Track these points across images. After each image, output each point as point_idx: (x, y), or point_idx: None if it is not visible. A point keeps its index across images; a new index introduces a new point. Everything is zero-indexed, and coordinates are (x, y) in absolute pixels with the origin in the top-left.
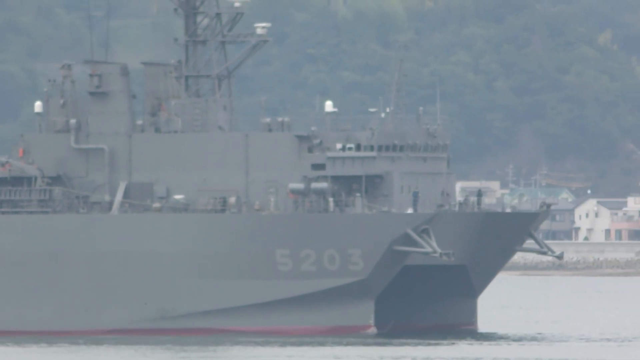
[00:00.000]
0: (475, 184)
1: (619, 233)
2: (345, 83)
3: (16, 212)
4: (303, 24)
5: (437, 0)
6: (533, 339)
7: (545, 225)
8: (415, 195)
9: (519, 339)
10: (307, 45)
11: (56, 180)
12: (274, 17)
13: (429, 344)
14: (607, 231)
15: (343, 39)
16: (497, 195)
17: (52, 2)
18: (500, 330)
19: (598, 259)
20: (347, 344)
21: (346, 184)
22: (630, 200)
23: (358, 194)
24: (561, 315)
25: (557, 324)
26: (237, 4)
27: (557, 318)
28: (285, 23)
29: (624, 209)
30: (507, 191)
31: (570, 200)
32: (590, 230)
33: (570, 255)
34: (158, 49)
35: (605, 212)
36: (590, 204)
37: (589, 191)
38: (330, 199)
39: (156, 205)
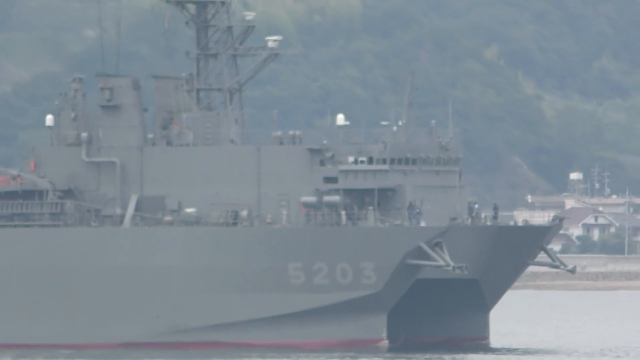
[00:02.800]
0: None
1: None
2: None
3: (27, 226)
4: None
5: (325, 15)
6: (547, 352)
7: None
8: (419, 215)
9: (530, 354)
10: None
11: (68, 193)
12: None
13: (441, 358)
14: None
15: None
16: None
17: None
18: (514, 345)
19: None
20: (359, 358)
21: (358, 197)
22: (517, 214)
23: (370, 207)
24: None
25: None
26: (248, 17)
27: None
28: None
29: (511, 222)
30: None
31: None
32: None
33: None
34: (167, 62)
35: None
36: None
37: (476, 205)
38: (343, 212)
39: (168, 218)
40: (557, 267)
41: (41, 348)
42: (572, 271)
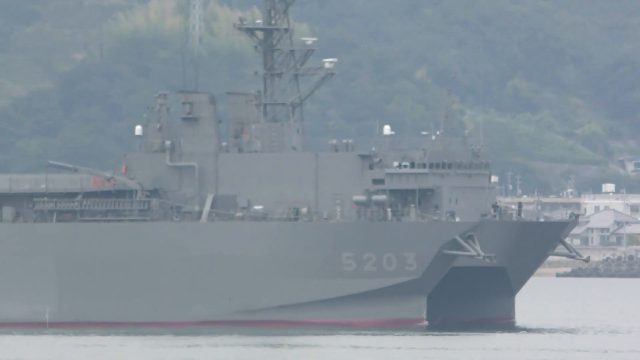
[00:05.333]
0: None
1: None
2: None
3: (119, 220)
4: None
5: None
6: (565, 331)
7: None
8: (452, 214)
9: (551, 331)
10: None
11: (154, 193)
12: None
13: (472, 335)
14: None
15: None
16: None
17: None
18: (537, 324)
19: None
20: (403, 335)
21: (402, 197)
22: None
23: (412, 205)
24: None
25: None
26: (308, 42)
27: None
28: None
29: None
30: None
31: None
32: None
33: None
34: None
35: None
36: None
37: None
38: (389, 209)
39: (239, 214)
40: (573, 257)
41: (132, 325)
42: (587, 260)
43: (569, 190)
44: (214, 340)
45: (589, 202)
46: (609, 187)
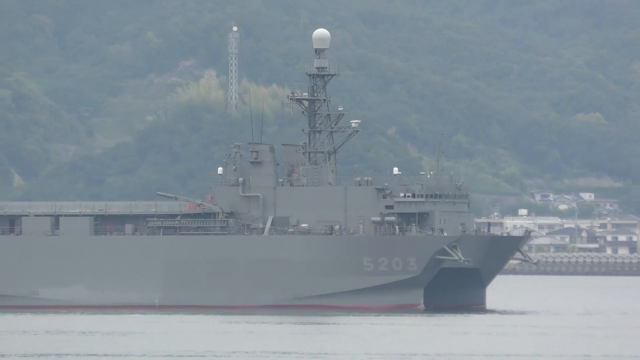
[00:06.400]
0: None
1: None
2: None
3: (207, 234)
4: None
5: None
6: (522, 312)
7: None
8: (442, 230)
9: (512, 313)
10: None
11: (230, 215)
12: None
13: (458, 316)
14: None
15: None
16: None
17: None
18: (505, 308)
19: None
20: (407, 315)
21: (406, 218)
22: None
23: (414, 224)
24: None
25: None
26: (340, 109)
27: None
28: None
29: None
30: None
31: None
32: None
33: None
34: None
35: None
36: None
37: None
38: (397, 227)
39: (290, 230)
40: (526, 261)
41: (215, 308)
42: (537, 264)
43: (495, 213)
44: (273, 319)
45: (509, 222)
46: (523, 211)
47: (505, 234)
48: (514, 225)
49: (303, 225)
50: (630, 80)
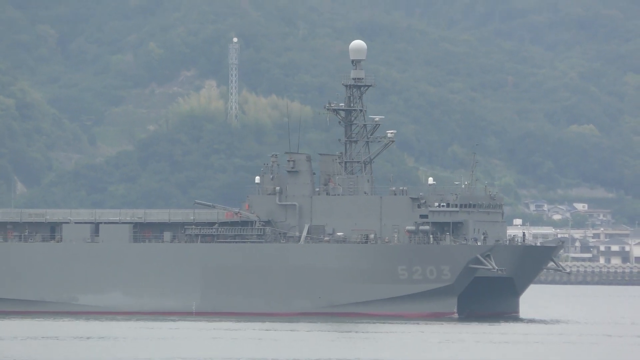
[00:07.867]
0: None
1: None
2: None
3: (244, 242)
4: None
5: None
6: (555, 321)
7: None
8: (476, 239)
9: (546, 322)
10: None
11: (267, 223)
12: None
13: (489, 323)
14: None
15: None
16: None
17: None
18: (538, 317)
19: None
20: (441, 324)
21: (440, 227)
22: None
23: (448, 233)
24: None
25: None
26: (376, 119)
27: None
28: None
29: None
30: None
31: None
32: None
33: None
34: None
35: None
36: None
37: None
38: (431, 236)
39: (326, 238)
40: (559, 271)
41: (252, 315)
42: (569, 273)
43: None
44: (309, 326)
45: None
46: (518, 221)
47: (539, 244)
48: (509, 234)
49: (339, 233)
50: (623, 92)
